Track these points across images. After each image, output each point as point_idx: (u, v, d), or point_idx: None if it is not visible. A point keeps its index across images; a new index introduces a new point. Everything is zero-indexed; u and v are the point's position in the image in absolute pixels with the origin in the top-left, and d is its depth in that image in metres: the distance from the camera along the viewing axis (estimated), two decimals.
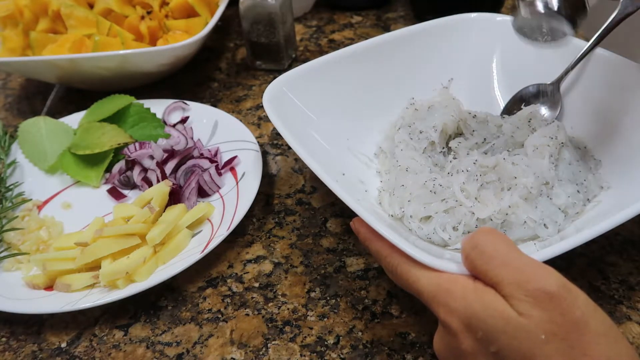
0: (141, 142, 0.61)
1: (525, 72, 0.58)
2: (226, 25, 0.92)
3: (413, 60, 0.60)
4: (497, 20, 0.60)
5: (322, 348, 0.44)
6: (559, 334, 0.29)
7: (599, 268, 0.48)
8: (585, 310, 0.30)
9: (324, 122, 0.54)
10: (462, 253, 0.34)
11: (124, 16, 0.74)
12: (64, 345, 0.47)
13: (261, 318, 0.47)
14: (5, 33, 0.74)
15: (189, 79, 0.79)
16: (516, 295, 0.30)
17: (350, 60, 0.57)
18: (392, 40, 0.59)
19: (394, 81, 0.59)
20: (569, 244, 0.37)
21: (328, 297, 0.48)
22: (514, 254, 0.32)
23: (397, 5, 0.92)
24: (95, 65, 0.67)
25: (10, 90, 0.83)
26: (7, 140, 0.66)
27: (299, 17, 0.91)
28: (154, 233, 0.50)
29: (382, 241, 0.39)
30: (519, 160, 0.47)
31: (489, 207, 0.45)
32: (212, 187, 0.58)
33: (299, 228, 0.55)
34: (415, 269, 0.36)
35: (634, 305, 0.45)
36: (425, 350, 0.43)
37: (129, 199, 0.59)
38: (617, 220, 0.38)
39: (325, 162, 0.46)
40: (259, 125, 0.69)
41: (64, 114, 0.70)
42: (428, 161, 0.51)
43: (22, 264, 0.53)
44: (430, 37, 0.60)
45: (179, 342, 0.46)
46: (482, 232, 0.34)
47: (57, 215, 0.58)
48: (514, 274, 0.31)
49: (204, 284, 0.50)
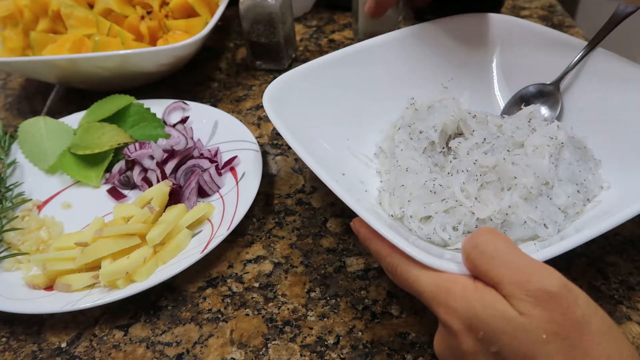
0: (141, 142, 0.61)
1: (524, 72, 0.58)
2: (226, 25, 0.92)
3: (413, 60, 0.60)
4: (496, 20, 0.60)
5: (322, 348, 0.44)
6: (560, 334, 0.29)
7: (599, 268, 0.48)
8: (586, 310, 0.30)
9: (323, 122, 0.54)
10: (462, 253, 0.34)
11: (124, 16, 0.74)
12: (64, 345, 0.47)
13: (261, 318, 0.47)
14: (5, 33, 0.74)
15: (189, 79, 0.79)
16: (517, 295, 0.30)
17: (349, 61, 0.57)
18: (392, 40, 0.59)
19: (393, 81, 0.59)
20: (569, 244, 0.37)
21: (328, 297, 0.48)
22: (514, 253, 0.32)
23: None
24: (95, 65, 0.67)
25: (10, 90, 0.83)
26: (7, 140, 0.66)
27: (299, 17, 0.91)
28: (154, 233, 0.50)
29: (382, 241, 0.39)
30: (518, 160, 0.47)
31: (489, 207, 0.45)
32: (212, 187, 0.58)
33: (299, 228, 0.55)
34: (415, 269, 0.36)
35: (634, 305, 0.45)
36: (425, 350, 0.43)
37: (129, 199, 0.59)
38: (617, 220, 0.38)
39: (325, 162, 0.46)
40: (259, 125, 0.69)
41: (64, 114, 0.70)
42: (428, 161, 0.51)
43: (22, 264, 0.53)
44: (430, 37, 0.60)
45: (179, 342, 0.46)
46: (482, 232, 0.34)
47: (57, 215, 0.58)
48: (514, 273, 0.31)
49: (204, 284, 0.50)
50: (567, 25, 0.82)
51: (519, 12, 0.86)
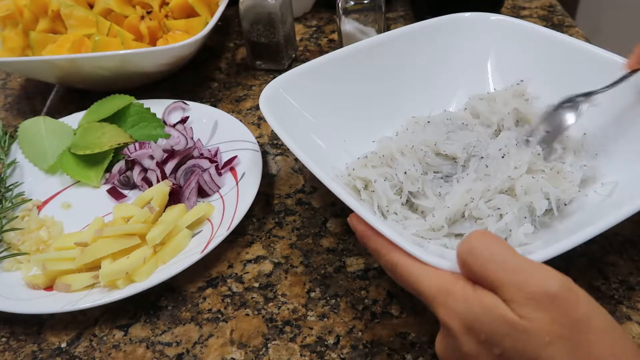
0: (141, 142, 0.61)
1: (520, 71, 0.58)
2: (226, 25, 0.92)
3: (408, 60, 0.60)
4: (491, 19, 0.60)
5: (322, 348, 0.44)
6: (563, 335, 0.29)
7: (599, 268, 0.48)
8: (588, 308, 0.30)
9: (320, 123, 0.54)
10: (457, 259, 0.33)
11: (123, 16, 0.74)
12: (64, 345, 0.47)
13: (261, 318, 0.47)
14: (5, 33, 0.74)
15: (189, 79, 0.79)
16: (517, 299, 0.30)
17: (346, 61, 0.57)
18: (387, 40, 0.59)
19: (389, 81, 0.59)
20: (568, 243, 0.36)
21: (328, 297, 0.48)
22: (510, 255, 0.32)
23: (396, 6, 0.92)
24: (95, 65, 0.67)
25: (10, 90, 0.83)
26: (7, 140, 0.66)
27: (299, 17, 0.91)
28: (154, 233, 0.50)
29: (380, 239, 0.38)
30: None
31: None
32: (212, 187, 0.58)
33: (299, 228, 0.55)
34: (414, 268, 0.35)
35: (634, 305, 0.45)
36: (425, 350, 0.43)
37: (129, 199, 0.59)
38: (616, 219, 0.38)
39: (322, 163, 0.46)
40: (259, 125, 0.69)
41: (64, 114, 0.70)
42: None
43: (22, 264, 0.53)
44: (425, 36, 0.60)
45: (179, 342, 0.46)
46: (475, 236, 0.33)
47: (57, 215, 0.58)
48: (512, 277, 0.31)
49: (204, 284, 0.50)
50: (567, 25, 0.82)
51: (518, 12, 0.86)
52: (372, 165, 0.50)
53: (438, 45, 0.61)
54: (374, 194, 0.48)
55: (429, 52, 0.61)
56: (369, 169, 0.49)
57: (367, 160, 0.51)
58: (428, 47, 0.60)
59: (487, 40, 0.60)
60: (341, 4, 0.70)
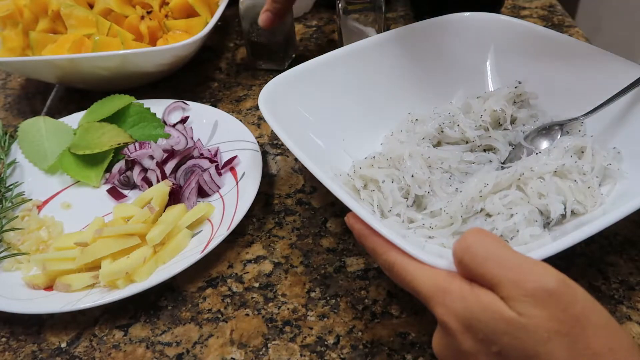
0: (141, 142, 0.61)
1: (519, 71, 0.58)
2: (226, 25, 0.92)
3: (408, 60, 0.60)
4: (491, 19, 0.60)
5: (322, 348, 0.44)
6: (561, 331, 0.29)
7: (599, 268, 0.48)
8: (585, 304, 0.30)
9: (320, 122, 0.54)
10: (453, 257, 0.33)
11: (123, 16, 0.74)
12: (64, 345, 0.47)
13: (261, 318, 0.47)
14: (5, 33, 0.74)
15: (189, 79, 0.79)
16: (515, 296, 0.30)
17: (346, 61, 0.57)
18: (385, 40, 0.59)
19: (388, 81, 0.59)
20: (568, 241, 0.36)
21: (328, 297, 0.48)
22: (506, 253, 0.32)
23: (397, 6, 0.92)
24: (95, 65, 0.67)
25: (10, 90, 0.83)
26: (7, 140, 0.66)
27: (299, 17, 0.91)
28: (154, 233, 0.50)
29: (378, 238, 0.38)
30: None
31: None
32: (212, 187, 0.58)
33: (299, 228, 0.55)
34: (412, 267, 0.35)
35: (634, 305, 0.45)
36: (425, 350, 0.43)
37: (129, 199, 0.59)
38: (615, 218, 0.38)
39: (321, 162, 0.46)
40: (259, 125, 0.69)
41: (64, 114, 0.70)
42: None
43: (22, 264, 0.53)
44: (425, 35, 0.60)
45: (179, 342, 0.46)
46: (471, 233, 0.33)
47: (57, 215, 0.58)
48: (509, 274, 0.31)
49: (204, 284, 0.50)
50: (567, 25, 0.82)
51: (518, 12, 0.86)
52: (379, 166, 0.50)
53: (438, 45, 0.61)
54: (375, 194, 0.48)
55: (429, 51, 0.61)
56: (376, 169, 0.50)
57: (374, 160, 0.51)
58: (428, 47, 0.60)
59: (487, 40, 0.60)
60: (341, 4, 0.70)
